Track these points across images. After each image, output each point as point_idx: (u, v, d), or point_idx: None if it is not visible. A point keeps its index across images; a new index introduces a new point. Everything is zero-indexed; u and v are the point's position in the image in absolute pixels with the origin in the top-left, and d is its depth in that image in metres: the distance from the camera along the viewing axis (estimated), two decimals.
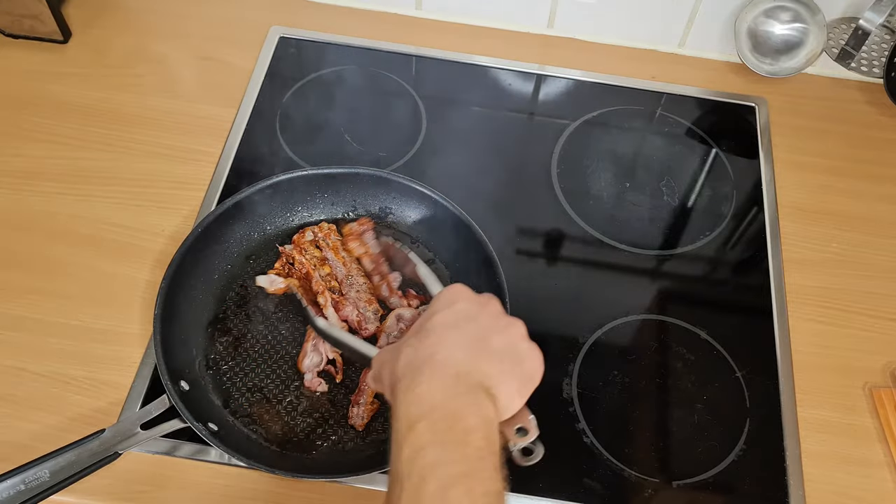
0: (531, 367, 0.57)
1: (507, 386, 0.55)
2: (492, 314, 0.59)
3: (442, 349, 0.55)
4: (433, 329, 0.57)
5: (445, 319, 0.58)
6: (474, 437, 0.50)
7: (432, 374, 0.54)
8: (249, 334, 0.79)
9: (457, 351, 0.55)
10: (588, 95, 1.04)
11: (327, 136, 0.96)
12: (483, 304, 0.60)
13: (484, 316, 0.58)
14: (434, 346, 0.56)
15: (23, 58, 0.99)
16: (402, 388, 0.54)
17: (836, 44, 1.02)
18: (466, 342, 0.56)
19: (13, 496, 0.62)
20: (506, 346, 0.57)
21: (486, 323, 0.58)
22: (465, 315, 0.58)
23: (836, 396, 0.80)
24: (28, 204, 0.87)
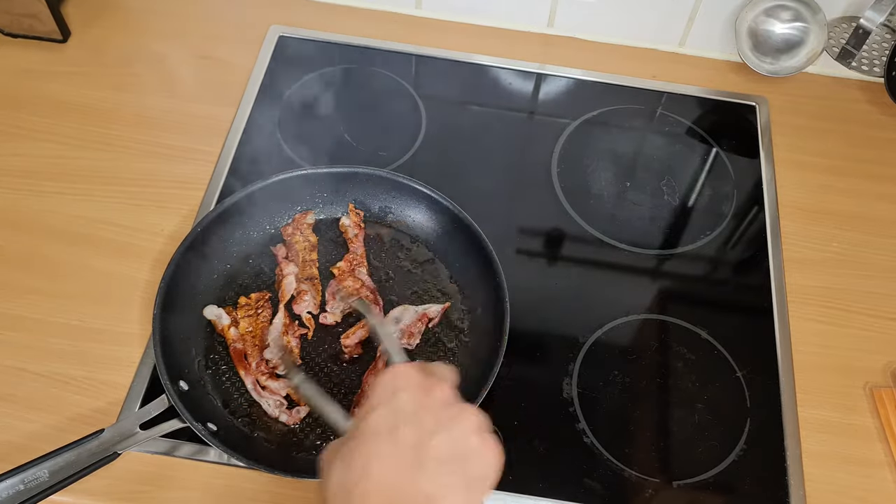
0: (481, 467, 0.50)
1: (455, 499, 0.48)
2: (437, 406, 0.51)
3: (372, 472, 0.48)
4: (365, 438, 0.50)
5: (379, 422, 0.50)
6: None
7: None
8: None
9: (389, 470, 0.48)
10: (588, 95, 1.04)
11: (327, 135, 0.96)
12: (428, 390, 0.52)
13: (427, 411, 0.51)
14: (363, 467, 0.48)
15: (21, 57, 0.99)
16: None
17: (836, 43, 1.02)
18: (402, 455, 0.48)
19: (12, 496, 0.62)
20: (449, 451, 0.49)
21: (427, 422, 0.50)
22: (404, 413, 0.50)
23: (836, 396, 0.80)
24: (27, 203, 0.87)
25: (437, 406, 0.51)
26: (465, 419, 0.51)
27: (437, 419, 0.50)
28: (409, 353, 0.78)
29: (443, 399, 0.52)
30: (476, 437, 0.50)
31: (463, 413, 0.51)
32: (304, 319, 0.79)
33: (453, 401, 0.52)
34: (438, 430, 0.49)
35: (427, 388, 0.52)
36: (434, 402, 0.51)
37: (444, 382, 0.53)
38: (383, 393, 0.52)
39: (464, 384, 0.75)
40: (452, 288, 0.83)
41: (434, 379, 0.53)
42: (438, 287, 0.83)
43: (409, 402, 0.51)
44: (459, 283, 0.83)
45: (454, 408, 0.51)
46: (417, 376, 0.53)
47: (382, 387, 0.52)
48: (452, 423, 0.50)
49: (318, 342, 0.79)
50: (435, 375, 0.54)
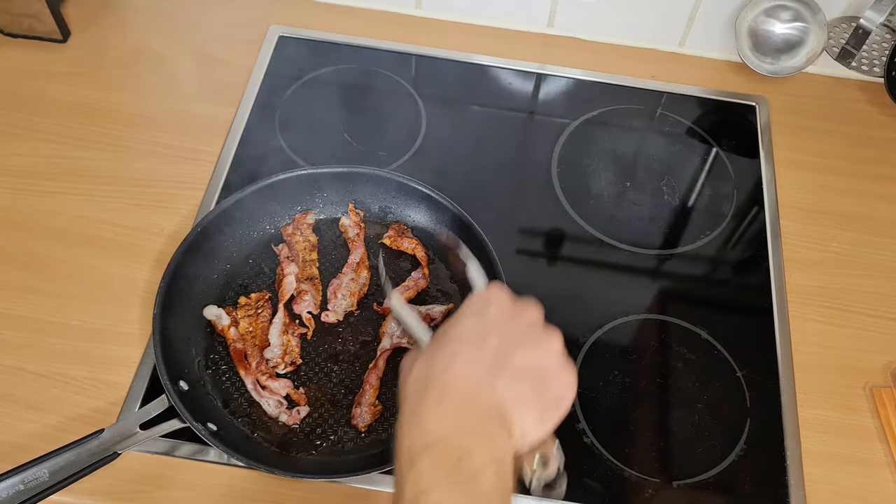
0: (557, 392, 0.51)
1: (526, 413, 0.49)
2: (525, 324, 0.52)
3: (454, 367, 0.49)
4: (451, 340, 0.51)
5: (468, 329, 0.52)
6: (484, 476, 0.45)
7: (440, 397, 0.48)
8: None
9: (471, 369, 0.49)
10: (588, 95, 1.04)
11: (327, 135, 0.96)
12: (518, 311, 0.53)
13: (515, 326, 0.52)
14: (447, 361, 0.49)
15: (22, 57, 0.99)
16: (406, 412, 0.49)
17: (836, 43, 1.02)
18: (484, 359, 0.49)
19: (12, 496, 0.62)
20: (531, 365, 0.50)
21: (514, 335, 0.51)
22: (493, 324, 0.52)
23: (836, 396, 0.80)
24: (27, 203, 0.87)
25: (525, 325, 0.53)
26: (551, 341, 0.52)
27: (523, 335, 0.52)
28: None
29: (531, 320, 0.53)
30: (557, 360, 0.52)
31: (549, 335, 0.53)
32: (305, 319, 0.79)
33: (540, 324, 0.54)
34: (523, 344, 0.51)
35: (518, 308, 0.54)
36: (523, 320, 0.53)
37: (534, 307, 0.54)
38: (475, 306, 0.54)
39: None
40: (453, 288, 0.83)
41: (524, 303, 0.54)
42: (439, 287, 0.83)
43: (498, 316, 0.52)
44: (460, 283, 0.83)
45: (541, 330, 0.53)
46: (510, 298, 0.55)
47: (475, 301, 0.54)
48: (538, 341, 0.52)
49: (318, 342, 0.79)
50: (526, 301, 0.55)
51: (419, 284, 0.82)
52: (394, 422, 0.74)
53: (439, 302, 0.82)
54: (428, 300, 0.82)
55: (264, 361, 0.76)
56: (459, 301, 0.82)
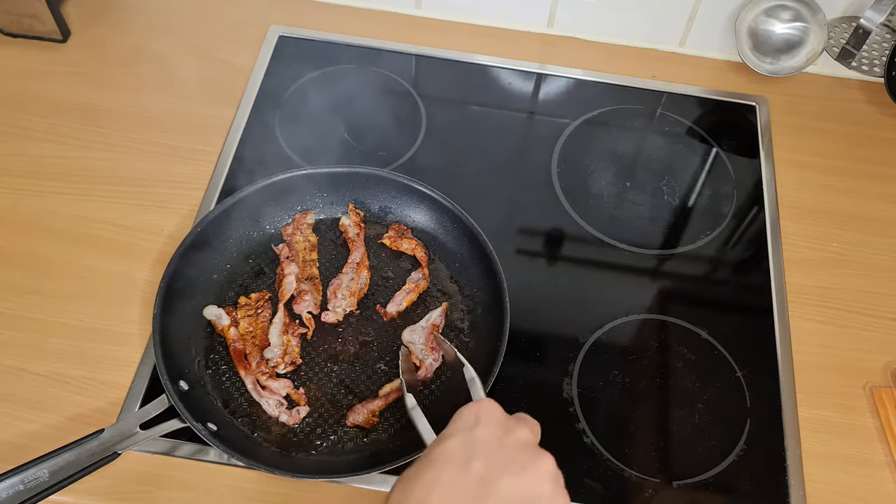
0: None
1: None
2: (515, 446, 0.49)
3: (434, 496, 0.46)
4: (433, 462, 0.48)
5: (452, 450, 0.49)
6: None
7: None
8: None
9: (451, 499, 0.46)
10: (588, 95, 1.04)
11: (327, 135, 0.96)
12: (508, 430, 0.50)
13: (503, 448, 0.49)
14: (427, 489, 0.46)
15: (22, 57, 0.99)
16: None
17: (836, 43, 1.02)
18: (467, 486, 0.46)
19: (12, 496, 0.62)
20: (517, 494, 0.47)
21: (501, 459, 0.48)
22: (480, 445, 0.49)
23: (836, 396, 0.80)
24: (27, 203, 0.87)
25: (515, 447, 0.50)
26: (541, 465, 0.49)
27: (511, 459, 0.49)
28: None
29: (522, 441, 0.50)
30: (548, 486, 0.48)
31: (540, 459, 0.49)
32: (305, 319, 0.79)
33: (532, 445, 0.50)
34: (511, 470, 0.48)
35: (508, 427, 0.51)
36: (512, 442, 0.50)
37: (526, 426, 0.51)
38: (463, 423, 0.51)
39: (464, 384, 0.76)
40: (452, 288, 0.83)
41: (516, 421, 0.52)
42: (438, 287, 0.83)
43: (486, 437, 0.49)
44: (459, 283, 0.83)
45: (531, 452, 0.50)
46: (501, 415, 0.52)
47: (463, 417, 0.51)
48: (526, 466, 0.48)
49: (318, 342, 0.79)
50: (518, 418, 0.52)
51: (420, 286, 0.82)
52: (388, 425, 0.74)
53: (438, 301, 0.82)
54: (428, 300, 0.82)
55: (264, 361, 0.76)
56: (459, 301, 0.82)
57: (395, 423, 0.74)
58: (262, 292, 0.80)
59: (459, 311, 0.81)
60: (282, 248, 0.83)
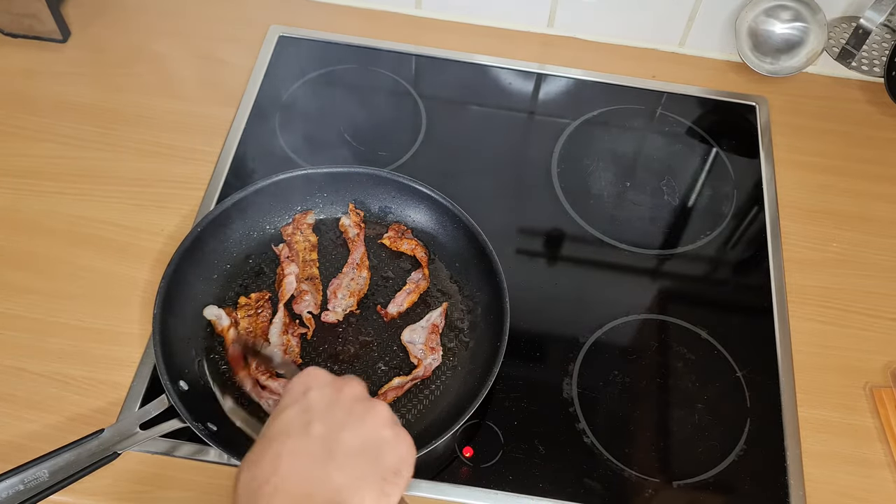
0: (394, 460, 0.49)
1: (367, 492, 0.47)
2: (349, 400, 0.51)
3: (282, 467, 0.46)
4: (273, 438, 0.48)
5: (289, 420, 0.49)
6: None
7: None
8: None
9: (299, 466, 0.46)
10: (588, 95, 1.04)
11: (327, 135, 0.96)
12: (338, 388, 0.52)
13: (338, 406, 0.50)
14: (272, 463, 0.47)
15: (22, 57, 0.99)
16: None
17: (836, 43, 1.02)
18: (312, 450, 0.47)
19: (12, 496, 0.62)
20: (361, 443, 0.48)
21: (338, 416, 0.50)
22: (315, 409, 0.50)
23: (836, 396, 0.80)
24: (27, 203, 0.87)
25: (348, 401, 0.51)
26: (377, 413, 0.51)
27: (348, 413, 0.50)
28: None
29: (353, 395, 0.51)
30: (388, 430, 0.50)
31: (374, 408, 0.51)
32: (305, 319, 0.79)
33: (364, 397, 0.52)
34: (349, 423, 0.49)
35: (338, 386, 0.52)
36: (345, 398, 0.51)
37: (355, 381, 0.53)
38: (294, 394, 0.52)
39: (464, 384, 0.76)
40: (452, 288, 0.83)
41: (344, 378, 0.53)
42: (438, 287, 0.83)
43: (319, 400, 0.51)
44: (459, 283, 0.83)
45: (365, 403, 0.51)
46: (327, 376, 0.53)
47: (293, 388, 0.52)
48: (363, 417, 0.50)
49: (318, 342, 0.79)
50: (345, 377, 0.53)
51: (420, 286, 0.82)
52: None
53: (438, 301, 0.82)
54: (428, 300, 0.82)
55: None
56: (459, 301, 0.82)
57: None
58: (262, 292, 0.80)
59: (459, 311, 0.81)
60: (282, 248, 0.83)
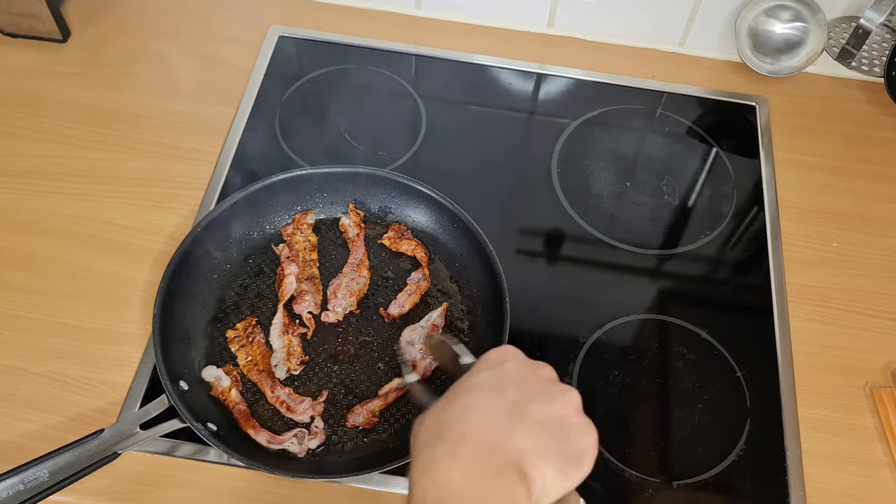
0: (580, 445, 0.48)
1: (547, 465, 0.46)
2: (542, 380, 0.51)
3: (470, 416, 0.47)
4: (467, 390, 0.49)
5: (484, 381, 0.50)
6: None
7: (454, 449, 0.45)
8: None
9: (487, 419, 0.47)
10: (588, 95, 1.04)
11: (327, 135, 0.96)
12: (535, 368, 0.52)
13: (532, 381, 0.51)
14: (462, 411, 0.47)
15: (21, 57, 0.99)
16: (419, 465, 0.46)
17: (836, 43, 1.02)
18: (502, 408, 0.48)
19: (12, 496, 0.62)
20: (550, 417, 0.48)
21: (531, 389, 0.50)
22: (510, 378, 0.50)
23: (836, 396, 0.80)
24: (27, 203, 0.87)
25: (543, 380, 0.52)
26: (569, 398, 0.50)
27: (541, 389, 0.50)
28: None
29: (548, 376, 0.52)
30: (577, 417, 0.50)
31: (567, 392, 0.51)
32: (305, 319, 0.79)
33: (558, 381, 0.52)
34: (542, 397, 0.49)
35: (534, 366, 0.53)
36: (540, 376, 0.52)
37: (549, 366, 0.53)
38: (491, 362, 0.52)
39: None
40: (452, 288, 0.83)
41: (540, 362, 0.54)
42: (438, 287, 0.83)
43: (515, 371, 0.51)
44: (459, 283, 0.83)
45: (559, 385, 0.52)
46: (523, 354, 0.54)
47: (491, 357, 0.53)
48: (556, 395, 0.50)
49: (318, 342, 0.79)
50: (540, 362, 0.54)
51: (421, 287, 0.82)
52: (388, 425, 0.74)
53: (438, 301, 0.82)
54: (428, 300, 0.82)
55: (278, 383, 0.75)
56: (459, 301, 0.82)
57: (395, 423, 0.74)
58: (247, 319, 0.78)
59: (459, 311, 0.81)
60: (282, 248, 0.83)
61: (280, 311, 0.79)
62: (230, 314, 0.79)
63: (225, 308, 0.80)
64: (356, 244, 0.84)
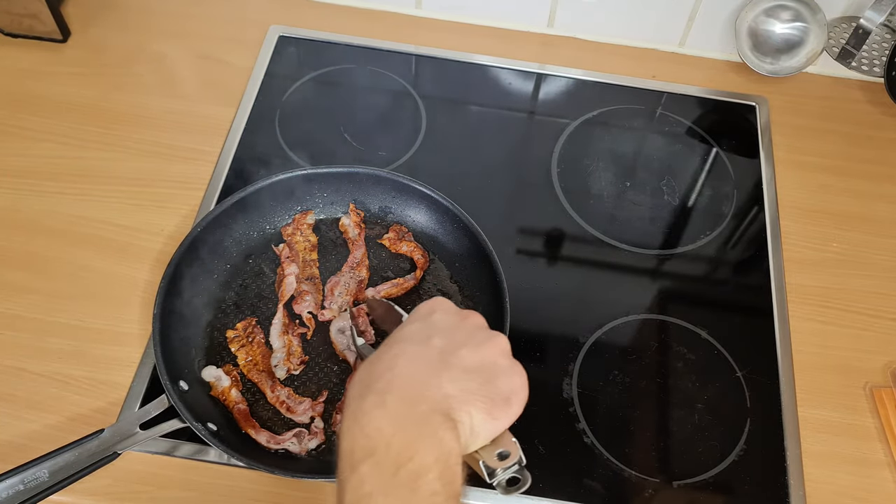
0: (507, 386, 0.49)
1: (475, 408, 0.47)
2: (470, 327, 0.53)
3: (397, 366, 0.48)
4: (397, 341, 0.51)
5: (412, 331, 0.51)
6: (427, 478, 0.43)
7: (382, 397, 0.46)
8: None
9: (414, 367, 0.48)
10: (588, 95, 1.04)
11: (326, 135, 0.96)
12: (463, 317, 0.54)
13: (460, 329, 0.52)
14: (390, 361, 0.49)
15: (22, 57, 0.99)
16: (349, 415, 0.46)
17: (836, 43, 1.02)
18: (429, 357, 0.49)
19: (12, 496, 0.62)
20: (477, 363, 0.50)
21: (459, 337, 0.51)
22: (438, 327, 0.52)
23: (836, 396, 0.80)
24: (27, 203, 0.87)
25: (470, 327, 0.53)
26: (496, 342, 0.52)
27: (469, 336, 0.52)
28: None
29: (476, 323, 0.54)
30: (505, 360, 0.51)
31: (494, 337, 0.52)
32: (305, 319, 0.79)
33: (486, 328, 0.54)
34: (468, 344, 0.51)
35: (463, 315, 0.54)
36: (468, 324, 0.53)
37: (477, 314, 0.55)
38: (419, 313, 0.54)
39: None
40: (452, 288, 0.83)
41: (468, 311, 0.55)
42: (438, 287, 0.83)
43: (443, 320, 0.53)
44: (459, 283, 0.83)
45: (485, 331, 0.53)
46: (452, 305, 0.55)
47: (418, 310, 0.55)
48: (484, 342, 0.51)
49: (318, 342, 0.79)
50: (470, 311, 0.56)
51: (406, 284, 0.81)
52: None
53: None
54: (427, 299, 0.82)
55: (278, 383, 0.75)
56: (459, 301, 0.82)
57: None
58: (247, 319, 0.78)
59: None
60: (282, 248, 0.83)
61: (280, 311, 0.79)
62: (230, 314, 0.79)
63: (225, 308, 0.80)
64: (357, 244, 0.84)
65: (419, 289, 0.83)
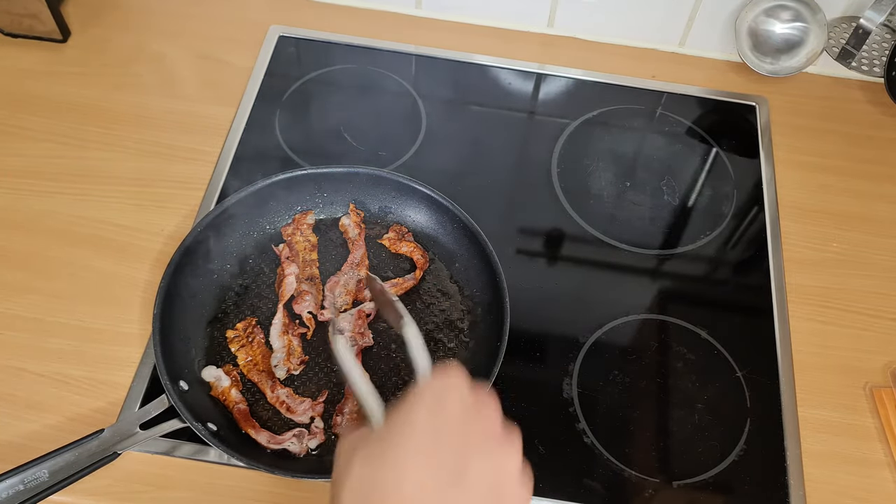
0: (515, 501, 0.47)
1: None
2: (484, 428, 0.48)
3: (406, 481, 0.44)
4: (401, 440, 0.46)
5: (420, 425, 0.46)
6: None
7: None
8: None
9: (423, 483, 0.44)
10: (588, 95, 1.04)
11: (326, 135, 0.96)
12: (477, 410, 0.48)
13: (473, 430, 0.47)
14: (397, 473, 0.44)
15: (21, 57, 0.99)
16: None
17: (836, 43, 1.02)
18: (439, 468, 0.45)
19: (12, 496, 0.62)
20: (488, 478, 0.46)
21: (472, 438, 0.47)
22: (450, 423, 0.47)
23: (836, 396, 0.80)
24: (26, 203, 0.87)
25: (486, 425, 0.48)
26: (511, 453, 0.48)
27: (483, 438, 0.47)
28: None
29: (492, 418, 0.48)
30: (516, 472, 0.47)
31: (509, 445, 0.48)
32: (305, 319, 0.79)
33: (500, 427, 0.49)
34: (482, 451, 0.46)
35: (476, 407, 0.48)
36: (483, 420, 0.48)
37: (494, 402, 0.50)
38: (429, 395, 0.48)
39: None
40: (452, 288, 0.83)
41: (484, 397, 0.50)
42: (438, 287, 0.83)
43: (456, 413, 0.47)
44: (459, 283, 0.83)
45: (501, 435, 0.48)
46: (466, 387, 0.49)
47: (426, 395, 0.48)
48: (497, 449, 0.47)
49: (318, 342, 0.79)
50: (483, 394, 0.50)
51: (405, 284, 0.81)
52: None
53: (438, 301, 0.82)
54: (428, 299, 0.82)
55: (278, 383, 0.75)
56: (459, 301, 0.82)
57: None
58: (247, 319, 0.78)
59: (459, 311, 0.81)
60: (282, 248, 0.83)
61: (280, 311, 0.79)
62: (230, 314, 0.80)
63: (225, 308, 0.80)
64: (356, 244, 0.84)
65: (419, 289, 0.83)
